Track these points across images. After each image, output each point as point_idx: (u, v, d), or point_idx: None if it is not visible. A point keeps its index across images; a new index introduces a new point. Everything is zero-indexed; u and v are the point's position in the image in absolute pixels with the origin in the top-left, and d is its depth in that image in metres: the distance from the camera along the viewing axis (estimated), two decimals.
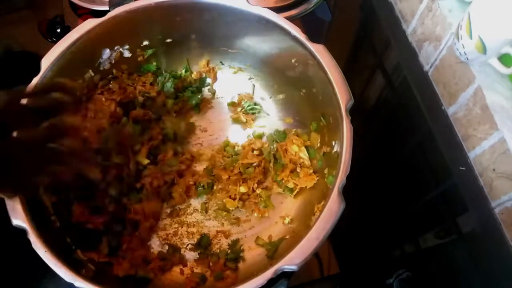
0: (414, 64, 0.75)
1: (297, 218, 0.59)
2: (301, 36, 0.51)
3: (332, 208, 0.43)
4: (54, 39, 0.77)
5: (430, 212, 0.68)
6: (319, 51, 0.50)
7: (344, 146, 0.45)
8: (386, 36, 0.82)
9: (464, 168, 0.65)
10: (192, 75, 0.69)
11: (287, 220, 0.59)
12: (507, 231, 0.58)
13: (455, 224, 0.64)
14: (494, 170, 0.60)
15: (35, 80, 0.51)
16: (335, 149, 0.50)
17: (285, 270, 0.41)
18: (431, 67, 0.72)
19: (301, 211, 0.59)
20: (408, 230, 0.67)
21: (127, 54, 0.61)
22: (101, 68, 0.60)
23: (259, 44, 0.57)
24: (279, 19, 0.52)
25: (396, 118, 0.80)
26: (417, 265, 0.60)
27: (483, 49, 0.58)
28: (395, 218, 0.68)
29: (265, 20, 0.53)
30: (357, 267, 0.63)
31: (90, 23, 0.53)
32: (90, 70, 0.59)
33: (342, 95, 0.46)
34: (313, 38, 0.55)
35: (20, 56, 0.76)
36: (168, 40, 0.62)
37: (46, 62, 0.51)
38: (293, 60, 0.55)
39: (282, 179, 0.61)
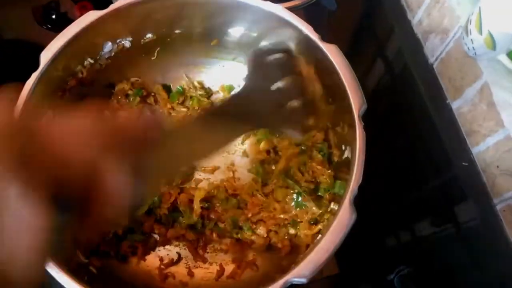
0: (418, 56, 0.74)
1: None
2: (313, 36, 0.49)
3: (342, 219, 0.42)
4: (49, 26, 0.74)
5: (430, 208, 0.69)
6: (332, 52, 0.48)
7: (356, 153, 0.43)
8: (391, 25, 0.81)
9: (467, 164, 0.65)
10: None
11: None
12: (508, 228, 0.58)
13: (455, 220, 0.64)
14: (498, 167, 0.60)
15: (34, 75, 0.50)
16: (345, 155, 0.49)
17: (294, 283, 0.41)
18: (436, 59, 0.71)
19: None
20: (407, 226, 0.67)
21: (128, 45, 0.59)
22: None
23: (266, 39, 0.55)
24: (291, 16, 0.50)
25: (397, 108, 0.80)
26: (417, 262, 0.61)
27: (493, 45, 0.57)
28: (394, 213, 0.68)
29: (275, 17, 0.51)
30: (357, 262, 0.63)
31: (91, 16, 0.51)
32: (89, 58, 0.57)
33: (355, 99, 0.45)
34: (316, 29, 0.54)
35: (13, 45, 0.73)
36: (174, 32, 0.60)
37: (46, 56, 0.49)
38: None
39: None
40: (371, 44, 0.86)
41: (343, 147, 0.50)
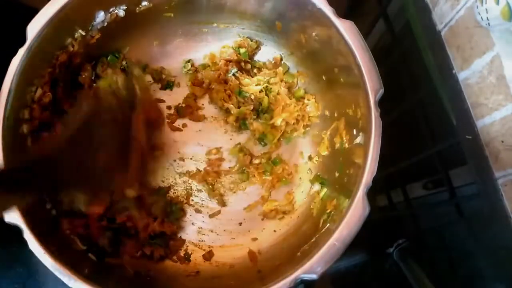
0: (426, 21, 0.70)
1: None
2: (327, 10, 0.44)
3: (355, 213, 0.40)
4: None
5: (427, 175, 0.69)
6: (347, 29, 0.43)
7: (371, 143, 0.40)
8: None
9: (470, 137, 0.64)
10: None
11: None
12: (508, 202, 0.59)
13: (454, 192, 0.65)
14: (502, 142, 0.59)
15: (21, 52, 0.45)
16: (357, 141, 0.46)
17: (304, 279, 0.40)
18: (445, 27, 0.68)
19: None
20: (407, 199, 0.67)
21: (122, 14, 0.53)
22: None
23: (276, 10, 0.51)
24: None
25: (399, 74, 0.77)
26: (417, 236, 0.62)
27: (510, 16, 0.54)
28: (393, 185, 0.68)
29: None
30: (357, 236, 0.64)
31: None
32: (80, 30, 0.52)
33: (371, 83, 0.41)
34: None
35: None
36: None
37: (33, 30, 0.44)
38: (313, 33, 0.49)
39: None
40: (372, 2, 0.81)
41: (354, 132, 0.47)
